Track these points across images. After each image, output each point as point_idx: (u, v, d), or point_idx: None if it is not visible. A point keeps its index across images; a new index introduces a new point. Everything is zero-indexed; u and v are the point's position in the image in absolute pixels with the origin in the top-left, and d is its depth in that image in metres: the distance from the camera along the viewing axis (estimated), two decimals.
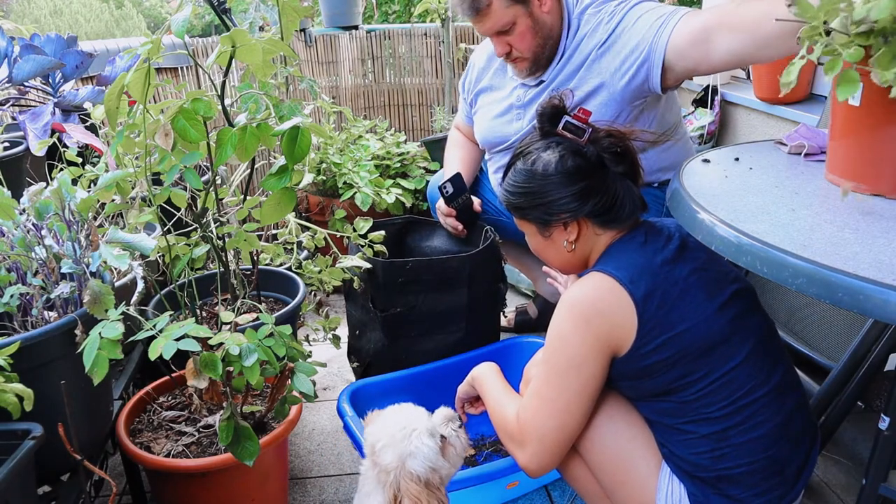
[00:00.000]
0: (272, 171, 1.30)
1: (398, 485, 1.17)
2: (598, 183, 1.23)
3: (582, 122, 1.24)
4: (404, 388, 1.85)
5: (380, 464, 1.20)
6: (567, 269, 1.35)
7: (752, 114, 2.58)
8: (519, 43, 1.83)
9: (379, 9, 5.05)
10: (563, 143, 1.24)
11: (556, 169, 1.22)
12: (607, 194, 1.23)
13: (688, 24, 1.62)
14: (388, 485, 1.18)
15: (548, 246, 1.31)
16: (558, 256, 1.32)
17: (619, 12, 1.78)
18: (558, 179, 1.22)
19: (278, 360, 1.33)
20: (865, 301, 0.87)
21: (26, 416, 1.16)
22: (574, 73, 1.84)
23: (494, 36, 1.84)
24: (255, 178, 3.15)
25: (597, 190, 1.23)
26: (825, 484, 1.73)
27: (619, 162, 1.24)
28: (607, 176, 1.24)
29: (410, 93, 3.80)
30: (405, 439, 1.20)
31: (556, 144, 1.24)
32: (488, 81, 2.10)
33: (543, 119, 1.27)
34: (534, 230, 1.31)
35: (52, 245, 1.39)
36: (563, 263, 1.34)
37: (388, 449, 1.20)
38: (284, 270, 2.10)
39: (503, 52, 1.86)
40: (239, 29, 1.21)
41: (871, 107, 1.14)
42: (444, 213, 2.08)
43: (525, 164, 1.26)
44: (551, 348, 1.22)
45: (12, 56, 2.02)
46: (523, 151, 1.28)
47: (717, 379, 1.16)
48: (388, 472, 1.19)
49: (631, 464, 1.26)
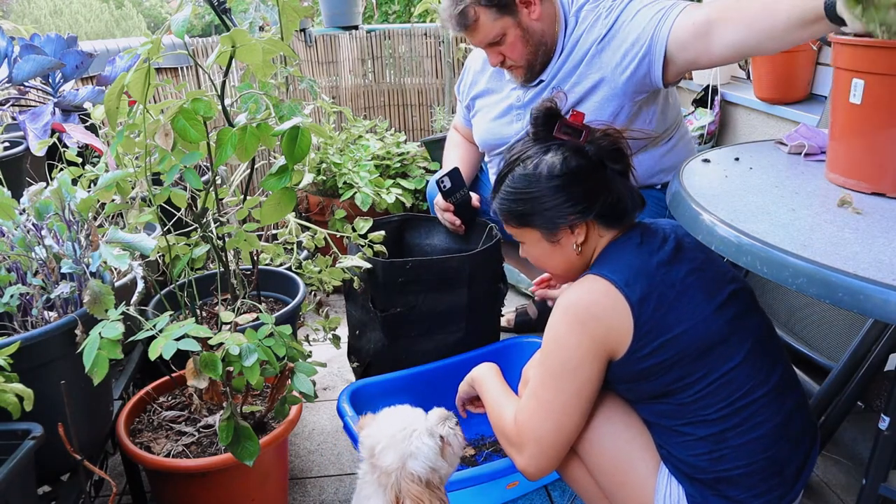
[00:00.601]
0: (272, 171, 1.30)
1: (399, 486, 1.17)
2: (601, 182, 1.23)
3: (577, 123, 1.24)
4: (404, 388, 1.84)
5: (380, 466, 1.20)
6: (572, 274, 1.32)
7: (752, 114, 2.58)
8: (511, 52, 1.83)
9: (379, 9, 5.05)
10: (564, 144, 1.24)
11: (562, 170, 1.21)
12: (612, 193, 1.23)
13: (689, 16, 1.62)
14: (389, 487, 1.18)
15: (554, 252, 1.28)
16: (565, 261, 1.29)
17: (618, 7, 1.78)
18: (565, 181, 1.21)
19: (278, 360, 1.33)
20: (865, 301, 0.87)
21: (26, 416, 1.16)
22: (574, 69, 1.84)
23: (487, 47, 1.85)
24: (255, 178, 3.15)
25: (602, 189, 1.23)
26: (825, 484, 1.73)
27: (618, 160, 1.25)
28: (608, 175, 1.24)
29: (410, 93, 3.80)
30: (405, 440, 1.20)
31: (556, 147, 1.23)
32: (485, 85, 2.10)
33: (538, 122, 1.26)
34: (537, 237, 1.28)
35: (52, 245, 1.39)
36: (568, 269, 1.31)
37: (388, 451, 1.20)
38: (284, 270, 2.10)
39: (496, 61, 1.88)
40: (239, 29, 1.21)
41: (872, 106, 1.14)
42: (442, 209, 2.08)
43: (526, 169, 1.24)
44: (547, 351, 1.22)
45: (12, 56, 2.02)
46: (521, 157, 1.26)
47: (716, 380, 1.16)
48: (389, 474, 1.18)
49: (630, 465, 1.26)
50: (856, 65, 1.15)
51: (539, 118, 1.26)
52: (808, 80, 2.36)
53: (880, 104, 1.12)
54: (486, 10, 1.76)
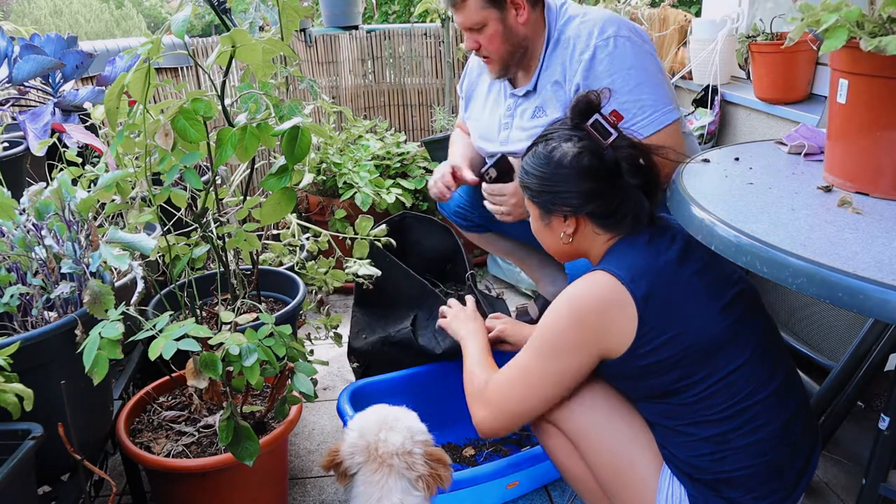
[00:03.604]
0: (272, 171, 1.30)
1: (421, 455, 1.20)
2: (606, 188, 1.24)
3: (611, 124, 1.24)
4: (404, 388, 1.84)
5: (387, 449, 1.20)
6: (559, 257, 1.39)
7: (752, 114, 2.58)
8: (487, 44, 1.85)
9: (379, 9, 5.06)
10: (585, 139, 1.25)
11: (571, 163, 1.23)
12: (613, 202, 1.24)
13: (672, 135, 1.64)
14: (409, 465, 1.19)
15: (545, 232, 1.35)
16: (553, 244, 1.36)
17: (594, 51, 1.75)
18: (569, 173, 1.24)
19: (278, 360, 1.33)
20: (865, 301, 0.87)
21: (26, 416, 1.16)
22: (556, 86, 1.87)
23: (467, 30, 1.87)
24: (255, 178, 3.15)
25: (603, 194, 1.23)
26: (825, 484, 1.73)
27: (636, 174, 1.24)
28: (619, 184, 1.24)
29: (410, 93, 3.80)
30: (398, 420, 1.23)
31: (577, 139, 1.25)
32: (479, 89, 2.12)
33: (575, 111, 1.28)
34: (537, 214, 1.34)
35: (52, 245, 1.39)
36: (556, 252, 1.37)
37: (390, 433, 1.21)
38: (284, 270, 2.10)
39: (472, 47, 1.90)
40: (239, 29, 1.21)
41: (856, 106, 1.14)
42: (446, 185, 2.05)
43: (544, 150, 1.28)
44: (542, 332, 1.25)
45: (12, 56, 2.02)
46: (546, 136, 1.30)
47: (718, 381, 1.16)
48: (407, 452, 1.19)
49: (631, 465, 1.26)
50: (841, 65, 1.15)
51: (577, 107, 1.27)
52: (808, 80, 2.36)
53: (864, 104, 1.13)
54: None
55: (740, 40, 2.45)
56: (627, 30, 1.78)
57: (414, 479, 1.19)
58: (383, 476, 1.19)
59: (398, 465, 1.19)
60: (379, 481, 1.19)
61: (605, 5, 2.97)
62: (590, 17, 1.82)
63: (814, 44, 2.28)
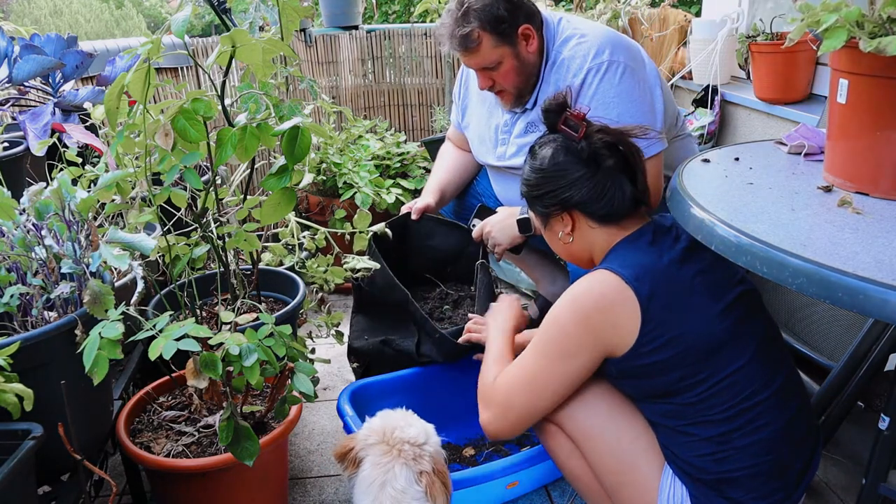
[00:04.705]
0: (272, 171, 1.30)
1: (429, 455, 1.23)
2: (588, 175, 1.27)
3: (576, 119, 1.29)
4: (404, 388, 1.84)
5: (401, 435, 1.23)
6: (569, 260, 1.41)
7: (752, 114, 2.58)
8: (503, 80, 1.84)
9: (379, 9, 5.06)
10: (559, 139, 1.30)
11: (550, 163, 1.29)
12: (595, 188, 1.26)
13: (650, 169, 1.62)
14: (416, 457, 1.22)
15: (550, 237, 1.38)
16: (559, 247, 1.39)
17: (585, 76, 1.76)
18: (552, 172, 1.29)
19: (278, 360, 1.33)
20: (865, 301, 0.87)
21: (26, 416, 1.16)
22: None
23: (480, 70, 1.85)
24: (255, 178, 3.15)
25: (583, 183, 1.27)
26: (825, 484, 1.73)
27: (612, 154, 1.27)
28: (597, 171, 1.27)
29: (410, 93, 3.80)
30: (420, 421, 1.28)
31: (552, 141, 1.31)
32: (478, 98, 2.11)
33: (549, 114, 1.33)
34: (540, 222, 1.38)
35: (52, 245, 1.39)
36: (564, 254, 1.40)
37: (409, 427, 1.25)
38: (284, 270, 2.09)
39: (486, 85, 1.88)
40: (239, 29, 1.21)
41: (856, 106, 1.14)
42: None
43: (530, 159, 1.35)
44: (546, 332, 1.25)
45: (12, 56, 2.02)
46: (533, 147, 1.36)
47: (720, 382, 1.16)
48: (418, 445, 1.22)
49: (633, 465, 1.26)
50: (841, 65, 1.15)
51: (550, 110, 1.33)
52: (808, 80, 2.36)
53: (864, 104, 1.13)
54: (490, 35, 1.76)
55: (740, 40, 2.45)
56: (624, 54, 1.77)
57: (417, 474, 1.21)
58: (391, 460, 1.22)
59: (407, 453, 1.22)
60: (386, 465, 1.22)
61: (606, 6, 2.97)
62: (587, 37, 1.81)
63: (814, 44, 2.28)
